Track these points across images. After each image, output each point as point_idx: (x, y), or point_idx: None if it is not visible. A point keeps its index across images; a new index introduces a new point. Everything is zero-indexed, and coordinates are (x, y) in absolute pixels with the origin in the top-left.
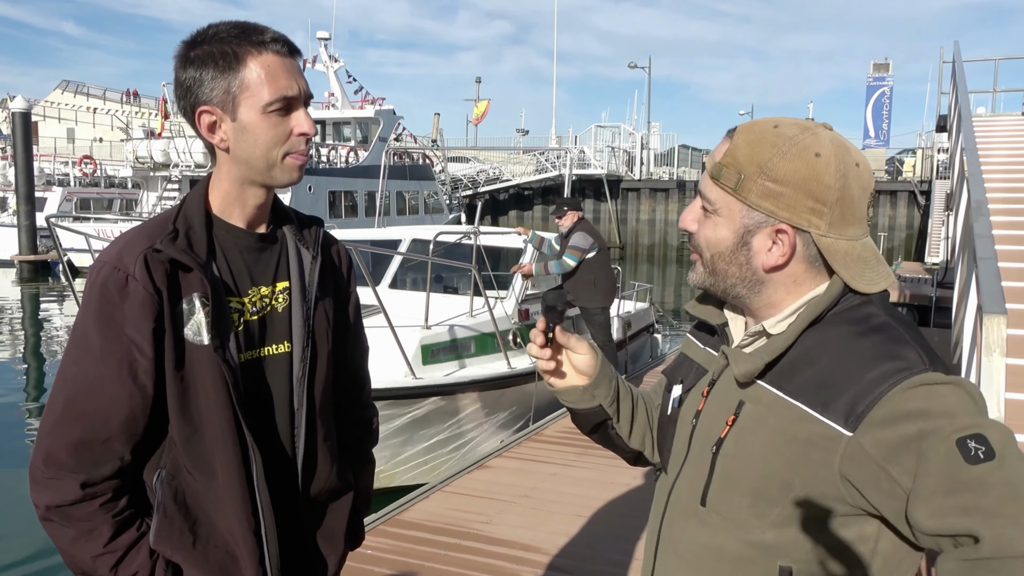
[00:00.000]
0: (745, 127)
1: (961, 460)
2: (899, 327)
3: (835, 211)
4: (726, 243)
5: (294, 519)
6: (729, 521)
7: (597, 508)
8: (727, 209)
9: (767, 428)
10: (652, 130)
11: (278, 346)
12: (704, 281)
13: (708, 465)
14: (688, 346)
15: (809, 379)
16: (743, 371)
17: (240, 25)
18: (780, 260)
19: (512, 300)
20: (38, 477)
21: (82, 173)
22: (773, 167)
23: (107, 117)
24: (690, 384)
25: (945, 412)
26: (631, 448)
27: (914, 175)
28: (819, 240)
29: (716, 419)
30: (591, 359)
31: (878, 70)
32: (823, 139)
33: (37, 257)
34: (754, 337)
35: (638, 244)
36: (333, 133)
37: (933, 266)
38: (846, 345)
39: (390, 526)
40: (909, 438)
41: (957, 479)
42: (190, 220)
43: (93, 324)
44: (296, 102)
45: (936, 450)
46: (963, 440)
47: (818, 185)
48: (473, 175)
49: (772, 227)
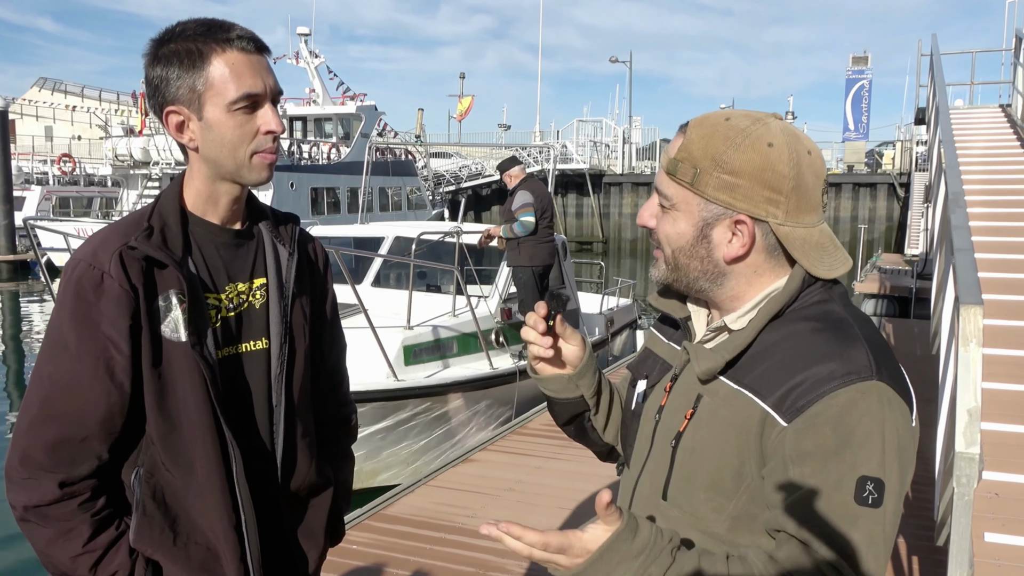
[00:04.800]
0: (697, 121)
1: (851, 495)
2: (855, 325)
3: (791, 199)
4: (686, 237)
5: (274, 515)
6: (689, 515)
7: (581, 500)
8: (685, 203)
9: (720, 419)
10: (634, 124)
11: (256, 342)
12: (667, 277)
13: (668, 460)
14: (652, 340)
15: (763, 372)
16: (704, 369)
17: (207, 23)
18: (740, 251)
19: (495, 299)
20: (14, 478)
21: (61, 171)
22: (728, 159)
23: (86, 115)
24: (654, 380)
25: (864, 444)
26: (604, 442)
27: (893, 167)
28: (777, 229)
29: (677, 414)
30: (580, 351)
31: (857, 63)
32: (774, 129)
33: (16, 257)
34: (715, 332)
35: (621, 239)
36: (314, 129)
37: (913, 257)
38: (802, 339)
39: (375, 520)
40: (821, 451)
41: (838, 506)
42: (165, 217)
43: (69, 322)
44: (262, 99)
45: (837, 477)
46: (863, 480)
47: (773, 174)
48: (456, 170)
49: (731, 219)
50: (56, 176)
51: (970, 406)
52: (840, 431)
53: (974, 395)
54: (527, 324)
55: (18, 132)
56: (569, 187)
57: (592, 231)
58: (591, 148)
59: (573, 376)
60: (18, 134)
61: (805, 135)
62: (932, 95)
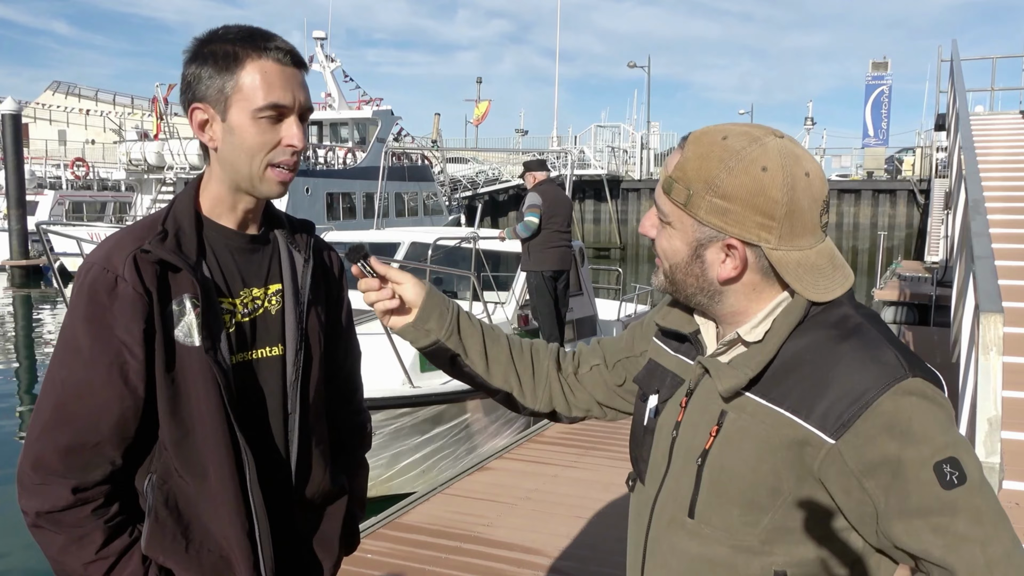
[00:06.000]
0: (695, 137)
1: (937, 484)
2: (874, 328)
3: (784, 225)
4: (681, 255)
5: (288, 523)
6: (721, 531)
7: (598, 509)
8: (679, 222)
9: (752, 436)
10: (652, 129)
11: (271, 348)
12: (666, 288)
13: (694, 477)
14: (657, 353)
15: (792, 385)
16: (727, 387)
17: (251, 30)
18: (733, 273)
19: (512, 305)
20: (27, 483)
21: (74, 176)
22: (720, 183)
23: (100, 119)
24: (667, 394)
25: (925, 435)
26: (495, 386)
27: (913, 174)
28: (770, 254)
29: (698, 430)
30: (416, 288)
31: (877, 69)
32: (771, 151)
33: (28, 262)
34: (728, 345)
35: (639, 245)
36: (330, 134)
37: (933, 265)
38: (827, 350)
39: (390, 529)
40: (888, 458)
41: (933, 502)
42: (179, 221)
43: (82, 326)
44: (289, 112)
45: (916, 474)
46: (939, 465)
47: (765, 200)
48: (472, 176)
49: (723, 241)
50: (69, 180)
51: (990, 415)
52: (896, 434)
53: (994, 404)
54: (360, 289)
55: (31, 136)
56: (587, 193)
57: (610, 237)
58: (609, 154)
59: (417, 320)
60: (31, 138)
61: (807, 155)
62: (952, 101)
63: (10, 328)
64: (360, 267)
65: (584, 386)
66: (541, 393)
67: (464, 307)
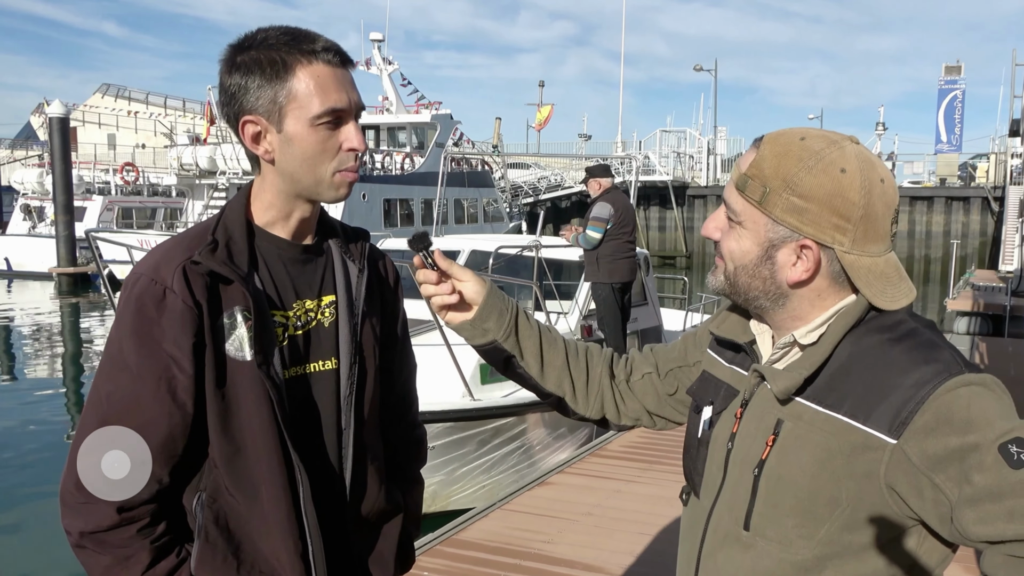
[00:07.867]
0: (772, 137)
1: (1005, 465)
2: (927, 331)
3: (859, 228)
4: (750, 256)
5: (342, 542)
6: (775, 543)
7: (663, 526)
8: (752, 221)
9: (810, 444)
10: (719, 134)
11: (324, 362)
12: (723, 289)
13: (750, 488)
14: (711, 364)
15: (848, 390)
16: (782, 388)
17: (291, 31)
18: (804, 275)
19: (575, 315)
20: (70, 502)
21: (123, 181)
22: (799, 182)
23: (150, 122)
24: (721, 406)
25: (985, 420)
26: (547, 390)
27: (987, 180)
28: (843, 257)
29: (754, 440)
30: (478, 285)
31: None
32: (849, 154)
33: (76, 270)
34: (784, 349)
35: (705, 253)
36: (387, 139)
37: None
38: (882, 353)
39: (447, 546)
40: (954, 449)
41: (1003, 484)
42: (230, 230)
43: (129, 339)
44: (346, 115)
45: (983, 460)
46: (1005, 446)
47: (843, 201)
48: (534, 182)
49: (796, 242)
50: (119, 186)
51: None
52: (957, 424)
53: None
54: (417, 280)
55: (80, 140)
56: (652, 199)
57: (675, 245)
58: (674, 159)
59: (476, 319)
60: (80, 142)
61: (880, 162)
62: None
63: (57, 338)
64: (422, 257)
65: (635, 394)
66: (593, 400)
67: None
